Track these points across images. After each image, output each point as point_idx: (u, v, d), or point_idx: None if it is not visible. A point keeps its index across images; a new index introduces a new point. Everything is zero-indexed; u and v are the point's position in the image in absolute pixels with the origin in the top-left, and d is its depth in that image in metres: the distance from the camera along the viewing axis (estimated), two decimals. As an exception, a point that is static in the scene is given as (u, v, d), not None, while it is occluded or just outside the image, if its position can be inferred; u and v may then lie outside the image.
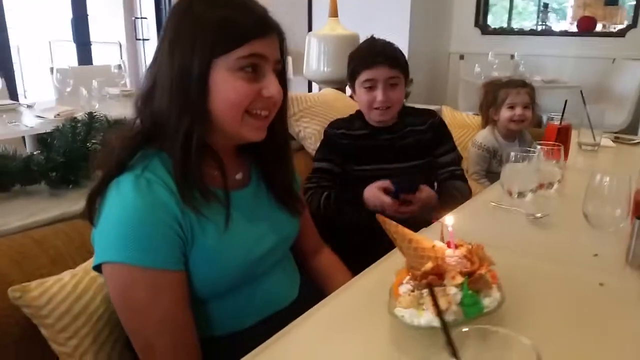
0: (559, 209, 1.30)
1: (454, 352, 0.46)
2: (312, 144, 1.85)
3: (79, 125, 1.35)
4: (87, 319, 0.95)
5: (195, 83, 0.85)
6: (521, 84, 2.13)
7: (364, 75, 1.57)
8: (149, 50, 5.62)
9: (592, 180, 1.12)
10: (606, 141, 2.07)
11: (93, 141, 1.35)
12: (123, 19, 5.77)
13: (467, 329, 0.49)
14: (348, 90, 2.51)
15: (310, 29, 4.78)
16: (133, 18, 5.72)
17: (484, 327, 0.49)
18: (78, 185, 1.35)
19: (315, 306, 0.85)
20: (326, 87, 2.36)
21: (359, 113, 1.67)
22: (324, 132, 1.70)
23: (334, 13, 2.38)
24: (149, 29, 5.68)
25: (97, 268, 0.86)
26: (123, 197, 0.83)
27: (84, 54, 5.09)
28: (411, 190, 1.45)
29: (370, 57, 1.57)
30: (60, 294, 0.93)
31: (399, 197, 1.44)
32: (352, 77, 1.63)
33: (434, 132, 1.68)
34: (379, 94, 1.55)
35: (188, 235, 0.86)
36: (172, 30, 0.88)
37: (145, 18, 5.68)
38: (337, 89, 2.29)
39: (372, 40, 1.64)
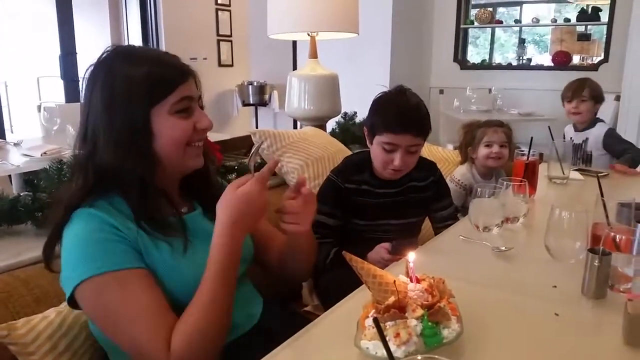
0: (524, 242, 1.37)
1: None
2: (294, 178, 1.92)
3: (64, 166, 1.40)
4: (72, 355, 1.00)
5: (141, 132, 0.96)
6: (498, 124, 2.22)
7: (385, 138, 1.52)
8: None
9: (552, 214, 1.19)
10: (575, 174, 2.16)
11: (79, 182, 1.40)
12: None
13: (419, 358, 0.55)
14: (328, 127, 2.61)
15: (295, 69, 4.95)
16: (121, 54, 5.82)
17: (427, 356, 0.55)
18: (64, 225, 1.39)
19: (287, 341, 0.89)
20: (307, 124, 2.45)
21: (369, 159, 1.63)
22: (331, 183, 1.64)
23: (313, 54, 2.49)
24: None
25: (72, 303, 0.92)
26: (74, 228, 0.92)
27: (72, 90, 5.16)
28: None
29: (398, 124, 1.50)
30: (46, 331, 0.98)
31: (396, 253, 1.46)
32: (372, 129, 1.58)
33: (433, 190, 1.72)
34: (396, 159, 1.52)
35: (143, 253, 0.93)
36: (100, 95, 0.96)
37: (134, 54, 5.78)
38: (317, 126, 2.37)
39: (403, 101, 1.55)
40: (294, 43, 4.95)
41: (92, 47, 5.65)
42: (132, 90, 0.95)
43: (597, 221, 1.23)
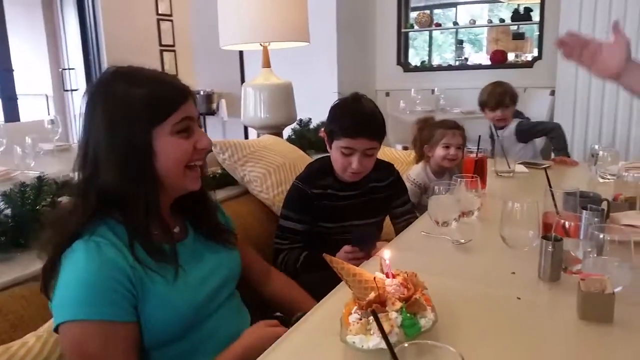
0: (481, 234, 1.46)
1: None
2: (258, 186, 1.94)
3: (27, 189, 1.38)
4: (54, 380, 0.99)
5: (143, 153, 0.98)
6: (455, 126, 2.30)
7: (343, 142, 1.60)
8: (77, 101, 5.55)
9: (505, 207, 1.28)
10: (520, 167, 2.30)
11: (43, 204, 1.38)
12: (49, 70, 5.69)
13: (406, 345, 0.60)
14: (285, 134, 2.66)
15: (242, 79, 4.99)
16: (60, 69, 5.67)
17: (419, 342, 0.61)
18: (29, 249, 1.37)
19: (272, 345, 0.93)
20: (264, 132, 2.49)
21: (330, 165, 1.70)
22: (297, 190, 1.71)
23: (266, 64, 2.53)
24: (77, 79, 5.63)
25: (57, 331, 0.94)
26: (75, 261, 0.92)
27: (10, 108, 4.96)
28: (369, 246, 1.51)
29: (354, 129, 1.59)
30: (27, 357, 0.97)
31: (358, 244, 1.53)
32: (330, 135, 1.66)
33: (392, 189, 1.82)
34: (354, 162, 1.60)
35: (138, 289, 0.95)
36: (102, 117, 0.97)
37: (73, 69, 5.64)
38: (274, 133, 2.41)
39: (359, 106, 1.65)
40: (241, 51, 4.97)
41: (29, 62, 5.46)
42: (134, 111, 0.96)
43: (547, 210, 1.33)
